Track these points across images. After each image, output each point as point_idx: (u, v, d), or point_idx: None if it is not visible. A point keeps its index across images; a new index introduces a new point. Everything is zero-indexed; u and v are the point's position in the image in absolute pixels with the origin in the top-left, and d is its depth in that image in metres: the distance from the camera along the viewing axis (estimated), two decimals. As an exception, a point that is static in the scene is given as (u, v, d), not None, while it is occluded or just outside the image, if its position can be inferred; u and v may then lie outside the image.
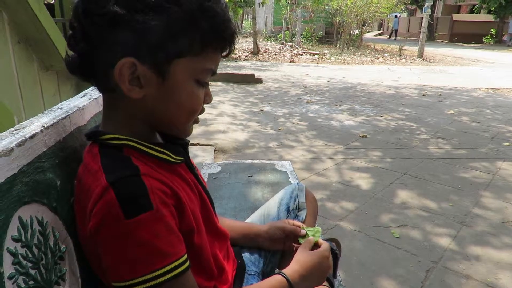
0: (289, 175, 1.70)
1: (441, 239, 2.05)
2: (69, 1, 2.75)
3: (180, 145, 0.69)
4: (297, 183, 1.05)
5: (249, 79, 6.99)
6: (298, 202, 0.99)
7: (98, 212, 0.52)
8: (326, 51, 13.41)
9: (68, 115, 0.68)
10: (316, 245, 0.80)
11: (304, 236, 0.83)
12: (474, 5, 25.66)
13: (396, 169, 3.02)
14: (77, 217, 0.61)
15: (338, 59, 11.80)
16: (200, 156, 3.13)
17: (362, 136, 3.86)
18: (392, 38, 25.37)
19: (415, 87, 7.06)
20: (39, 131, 0.57)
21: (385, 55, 13.34)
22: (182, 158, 0.67)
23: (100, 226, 0.52)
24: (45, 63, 2.30)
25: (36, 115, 0.60)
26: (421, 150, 3.51)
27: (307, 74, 8.37)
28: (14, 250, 0.48)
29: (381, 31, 34.17)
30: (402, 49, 13.98)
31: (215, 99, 5.43)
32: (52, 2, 3.57)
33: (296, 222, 0.88)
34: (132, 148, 0.59)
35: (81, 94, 0.83)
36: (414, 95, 6.28)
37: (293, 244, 0.83)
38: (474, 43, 22.49)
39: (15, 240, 0.49)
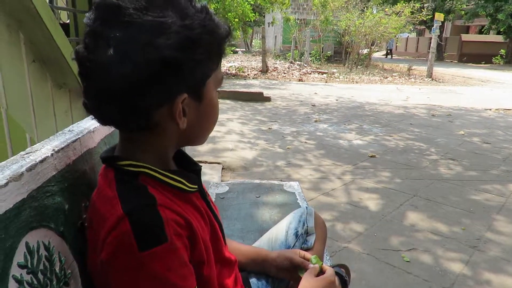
0: (297, 196, 1.69)
1: (453, 264, 1.99)
2: (83, 20, 2.83)
3: (193, 171, 0.68)
4: (306, 207, 1.03)
5: (258, 97, 7.04)
6: (307, 226, 0.97)
7: (112, 242, 0.52)
8: (334, 70, 13.49)
9: (79, 137, 0.68)
10: (321, 271, 0.79)
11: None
12: (483, 26, 25.74)
13: (405, 190, 2.97)
14: (89, 241, 0.60)
15: (346, 78, 11.85)
16: (207, 174, 3.13)
17: (371, 156, 3.83)
18: (389, 57, 25.77)
19: (424, 107, 7.03)
20: (49, 154, 0.58)
21: (393, 74, 13.36)
22: (196, 187, 0.66)
23: (112, 256, 0.52)
24: (58, 81, 2.35)
25: (48, 133, 0.59)
26: (431, 171, 3.46)
27: (316, 93, 8.40)
28: (19, 277, 0.48)
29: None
30: (411, 69, 14.01)
31: (223, 117, 5.47)
32: (67, 22, 3.68)
33: (307, 255, 0.87)
34: (148, 176, 0.59)
35: (91, 116, 0.84)
36: (423, 115, 6.24)
37: (300, 275, 0.82)
38: (484, 63, 22.44)
39: (21, 266, 0.48)
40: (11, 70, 1.87)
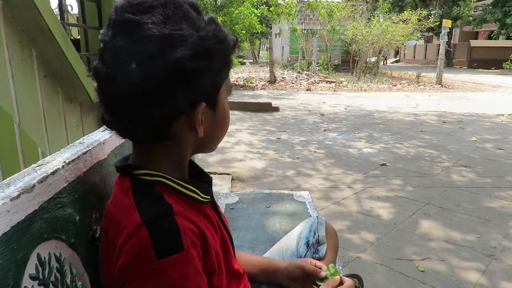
0: (308, 206, 1.67)
1: (469, 273, 1.94)
2: (94, 36, 2.88)
3: (204, 182, 0.69)
4: (317, 216, 1.02)
5: (266, 108, 7.06)
6: (318, 236, 0.96)
7: (130, 250, 0.52)
8: (342, 79, 13.49)
9: (89, 149, 0.69)
10: (340, 283, 0.78)
11: (323, 279, 0.81)
12: (492, 31, 25.56)
13: (418, 198, 2.93)
14: (103, 251, 0.60)
15: (355, 86, 11.84)
16: (217, 184, 3.13)
17: (382, 164, 3.80)
18: (385, 64, 25.99)
19: (434, 114, 6.97)
20: (60, 166, 0.58)
21: (402, 82, 13.30)
22: (209, 198, 0.67)
23: (130, 264, 0.52)
24: (69, 95, 2.39)
25: (59, 146, 0.60)
26: (443, 178, 3.41)
27: (324, 102, 8.40)
28: (31, 288, 0.48)
29: (397, 58, 34.29)
30: (420, 76, 13.93)
31: (232, 127, 5.49)
32: (78, 38, 3.76)
33: (318, 263, 0.85)
34: (164, 185, 0.59)
35: (102, 128, 0.85)
36: (434, 122, 6.18)
37: (313, 286, 0.80)
38: (494, 69, 22.22)
39: (33, 278, 0.49)
40: (23, 86, 1.91)
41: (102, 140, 0.76)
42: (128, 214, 0.55)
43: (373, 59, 16.83)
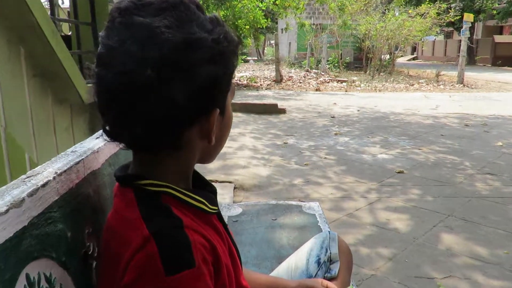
0: (318, 218, 1.67)
1: (496, 293, 1.92)
2: (86, 32, 2.91)
3: (210, 192, 0.70)
4: (329, 231, 1.02)
5: (272, 109, 7.07)
6: (330, 253, 0.96)
7: (137, 265, 0.52)
8: (355, 78, 13.48)
9: (82, 159, 0.69)
10: None
11: None
12: (518, 26, 25.50)
13: (439, 209, 2.91)
14: (104, 268, 0.61)
15: (368, 86, 11.82)
16: (218, 194, 3.12)
17: (398, 172, 3.78)
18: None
19: (456, 116, 6.94)
20: (51, 178, 0.59)
21: (420, 81, 13.28)
22: (217, 208, 0.68)
23: (137, 280, 0.52)
24: (59, 96, 2.41)
25: (48, 151, 0.61)
26: (466, 187, 3.38)
27: (335, 103, 8.40)
28: (19, 312, 0.48)
29: (415, 55, 34.26)
30: (440, 75, 13.90)
31: (234, 131, 5.50)
32: (69, 34, 3.79)
33: (330, 284, 0.85)
34: (170, 195, 0.60)
35: (96, 135, 0.85)
36: (455, 125, 6.16)
37: None
38: (521, 67, 22.13)
39: (21, 301, 0.48)
40: (10, 86, 1.93)
41: (96, 149, 0.76)
42: (134, 227, 0.55)
43: (388, 56, 16.82)
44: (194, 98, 0.54)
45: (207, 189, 0.70)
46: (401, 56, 24.67)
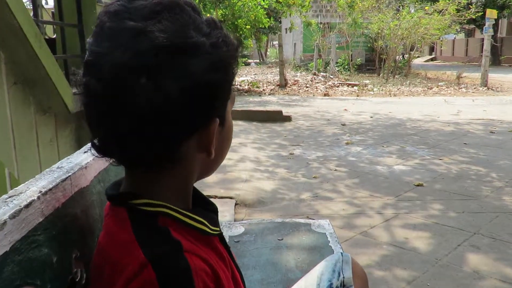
0: (329, 238, 1.66)
1: (530, 321, 1.90)
2: (72, 35, 2.94)
3: (211, 211, 0.70)
4: (341, 253, 1.02)
5: (276, 117, 7.09)
6: (343, 277, 0.96)
7: None
8: (367, 81, 13.53)
9: (69, 175, 0.70)
10: None
11: None
12: (546, 22, 25.60)
13: (463, 226, 2.89)
14: None
15: (382, 90, 11.85)
16: (218, 210, 3.12)
17: (417, 185, 3.77)
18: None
19: (480, 123, 6.94)
20: (36, 197, 0.59)
21: (440, 84, 13.31)
22: (219, 229, 0.68)
23: None
24: (43, 105, 2.43)
25: (30, 166, 0.61)
26: (494, 202, 3.36)
27: (346, 109, 8.41)
28: None
29: (433, 56, 34.39)
30: (461, 77, 13.94)
31: (235, 141, 5.51)
32: (54, 37, 3.84)
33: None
34: (168, 216, 0.60)
35: (84, 148, 0.86)
36: (479, 132, 6.15)
37: None
38: (551, 67, 22.15)
39: (2, 335, 0.48)
40: (-11, 95, 1.94)
41: (84, 164, 0.76)
42: (129, 251, 0.55)
43: (404, 57, 16.88)
44: (191, 108, 0.54)
45: (208, 208, 0.70)
46: (418, 57, 24.76)
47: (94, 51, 0.54)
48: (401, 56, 16.71)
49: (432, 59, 33.18)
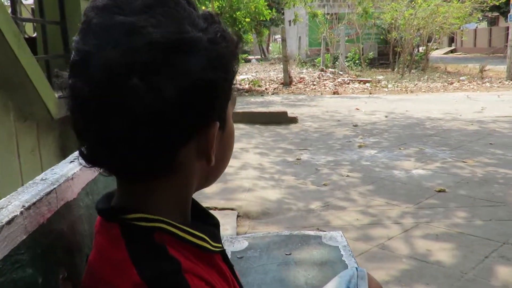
0: (342, 252, 1.66)
1: None
2: (54, 33, 2.96)
3: (211, 225, 0.70)
4: (356, 268, 1.02)
5: (280, 119, 7.10)
6: (359, 295, 0.96)
7: None
8: (380, 77, 13.54)
9: (55, 188, 0.70)
10: None
11: None
12: None
13: (491, 236, 2.88)
14: None
15: (397, 86, 11.85)
16: (218, 224, 3.13)
17: (439, 191, 3.76)
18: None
19: (507, 120, 6.93)
20: (18, 213, 0.59)
21: (461, 78, 13.30)
22: (221, 246, 0.68)
23: None
24: (23, 111, 2.44)
25: (10, 179, 0.61)
26: (524, 208, 3.36)
27: (357, 109, 8.42)
28: None
29: (452, 47, 34.40)
30: (484, 70, 13.93)
31: (236, 146, 5.50)
32: (34, 36, 3.86)
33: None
34: (165, 232, 0.60)
35: (70, 158, 0.86)
36: (507, 131, 6.14)
37: None
38: None
39: None
40: (-35, 102, 1.96)
41: (70, 175, 0.77)
42: (122, 272, 0.55)
43: (421, 49, 16.88)
44: (188, 111, 0.54)
45: (208, 222, 0.70)
46: (436, 49, 24.77)
47: (80, 50, 0.54)
48: (417, 48, 16.71)
49: (452, 51, 33.20)
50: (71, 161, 0.85)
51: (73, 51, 0.55)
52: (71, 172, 0.78)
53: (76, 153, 0.90)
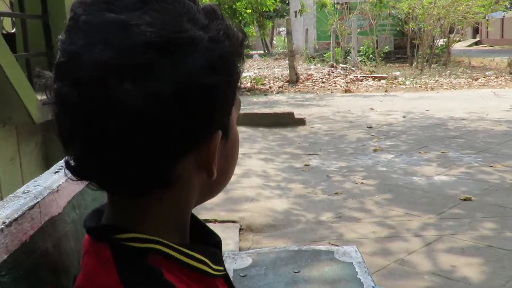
0: (357, 269, 1.66)
1: None
2: (35, 28, 2.97)
3: (210, 244, 0.69)
4: (373, 286, 1.01)
5: (286, 120, 7.10)
6: (377, 317, 0.95)
7: None
8: (397, 73, 13.53)
9: (38, 202, 0.70)
10: None
11: None
12: None
13: (523, 249, 2.88)
14: None
15: (416, 83, 11.84)
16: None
17: (464, 199, 3.75)
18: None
19: (539, 120, 6.92)
20: (-2, 230, 0.59)
21: (487, 73, 13.28)
22: (223, 269, 0.67)
23: None
24: (1, 115, 2.45)
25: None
26: (560, 217, 3.34)
27: (372, 109, 8.42)
28: None
29: (477, 39, 34.35)
30: (513, 64, 13.90)
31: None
32: (13, 31, 3.88)
33: None
34: (161, 254, 0.59)
35: (54, 168, 0.87)
36: (539, 132, 6.13)
37: None
38: None
39: None
40: None
41: (55, 187, 0.77)
42: None
43: (442, 41, 16.88)
44: (187, 119, 0.54)
45: (209, 241, 0.70)
46: (459, 40, 24.71)
47: (67, 51, 0.54)
48: (438, 40, 16.71)
49: (476, 43, 33.16)
50: (56, 172, 0.85)
51: (58, 51, 0.55)
52: (56, 183, 0.78)
53: (61, 162, 0.91)
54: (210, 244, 0.69)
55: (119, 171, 0.56)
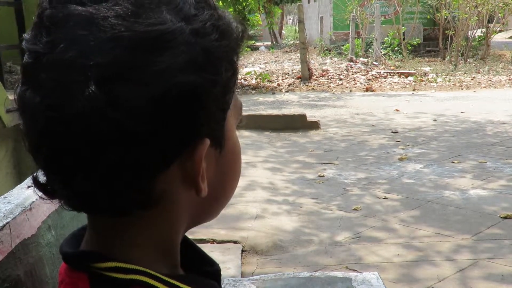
0: (378, 299, 1.66)
1: None
2: (6, 18, 2.99)
3: (207, 273, 0.69)
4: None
5: (297, 123, 7.09)
6: None
7: None
8: (427, 69, 13.50)
9: (8, 222, 0.71)
10: None
11: None
12: None
13: None
14: None
15: (449, 81, 11.81)
16: (219, 261, 3.12)
17: (505, 217, 3.73)
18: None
19: None
20: (-38, 255, 0.60)
21: (532, 69, 13.25)
22: None
23: None
24: (-33, 117, 2.47)
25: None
26: None
27: (397, 110, 8.40)
28: None
29: (521, 29, 34.27)
30: None
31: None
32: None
33: None
34: (147, 286, 0.59)
35: (27, 181, 0.87)
36: None
37: None
38: None
39: None
40: None
41: (28, 205, 0.77)
42: None
43: (479, 32, 16.84)
44: (164, 127, 0.54)
45: (206, 270, 0.70)
46: (500, 31, 24.68)
47: (31, 50, 0.54)
48: (475, 31, 16.69)
49: (520, 34, 33.07)
50: (29, 186, 0.85)
51: (25, 51, 0.56)
52: (28, 200, 0.79)
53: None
54: (207, 273, 0.69)
55: (88, 190, 0.55)
